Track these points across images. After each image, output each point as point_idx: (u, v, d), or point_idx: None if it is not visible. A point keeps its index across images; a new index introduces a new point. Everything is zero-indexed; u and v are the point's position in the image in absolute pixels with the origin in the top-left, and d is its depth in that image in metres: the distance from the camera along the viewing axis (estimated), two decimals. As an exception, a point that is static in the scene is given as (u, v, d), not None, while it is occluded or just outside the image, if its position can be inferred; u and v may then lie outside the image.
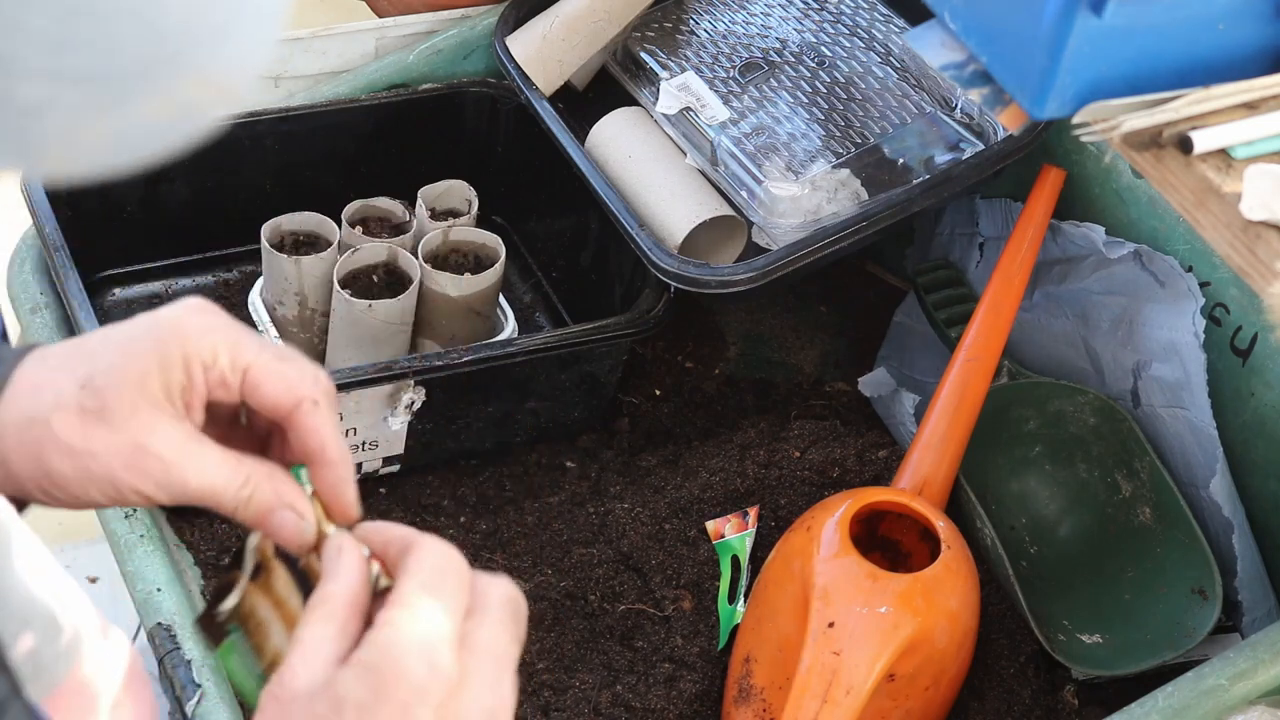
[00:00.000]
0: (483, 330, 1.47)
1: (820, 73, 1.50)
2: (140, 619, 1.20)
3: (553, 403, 1.45)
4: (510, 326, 1.50)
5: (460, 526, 1.39)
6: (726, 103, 1.47)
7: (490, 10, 1.61)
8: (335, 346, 1.44)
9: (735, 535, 1.34)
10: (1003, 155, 1.36)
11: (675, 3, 1.60)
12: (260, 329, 1.46)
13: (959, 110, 1.42)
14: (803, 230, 1.35)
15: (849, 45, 1.52)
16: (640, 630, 1.31)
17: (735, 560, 1.33)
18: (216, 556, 1.30)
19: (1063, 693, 1.25)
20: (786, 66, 1.51)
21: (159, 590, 1.20)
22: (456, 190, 1.53)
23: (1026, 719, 1.25)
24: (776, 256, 1.32)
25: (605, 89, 1.57)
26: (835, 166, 1.39)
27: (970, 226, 1.51)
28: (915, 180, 1.37)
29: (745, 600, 1.30)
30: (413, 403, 1.35)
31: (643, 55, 1.55)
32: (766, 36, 1.54)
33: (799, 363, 1.61)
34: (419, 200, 1.50)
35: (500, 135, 1.62)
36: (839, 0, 1.57)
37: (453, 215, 1.51)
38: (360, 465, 1.39)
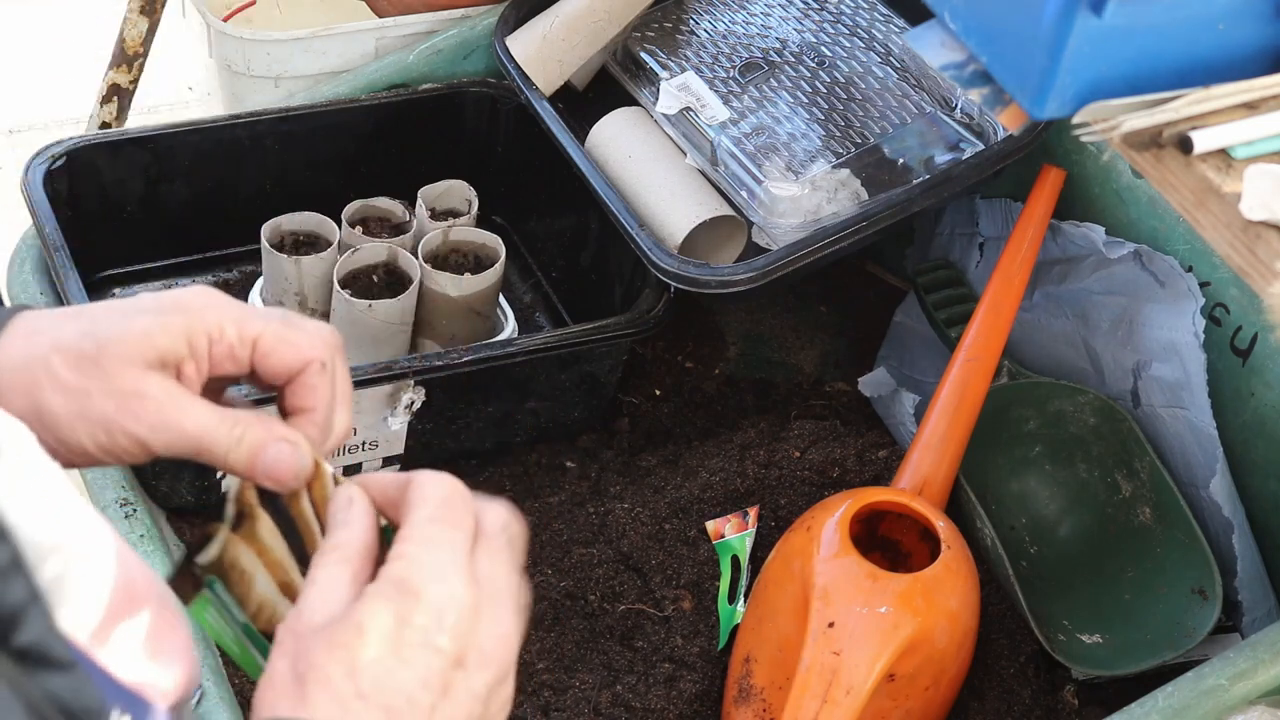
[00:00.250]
0: (483, 330, 1.47)
1: (820, 73, 1.50)
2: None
3: (553, 403, 1.44)
4: (510, 326, 1.50)
5: (460, 526, 1.39)
6: (726, 103, 1.47)
7: (490, 10, 1.61)
8: (335, 346, 1.44)
9: (735, 535, 1.34)
10: (1003, 155, 1.36)
11: (675, 3, 1.60)
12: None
13: (959, 110, 1.42)
14: (803, 230, 1.35)
15: (849, 45, 1.52)
16: (640, 630, 1.31)
17: (735, 560, 1.33)
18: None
19: (1063, 693, 1.25)
20: (786, 66, 1.51)
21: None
22: (456, 190, 1.53)
23: (1026, 719, 1.25)
24: (776, 256, 1.32)
25: (605, 89, 1.57)
26: (835, 166, 1.39)
27: (970, 226, 1.51)
28: (915, 180, 1.37)
29: (745, 600, 1.29)
30: (413, 403, 1.35)
31: (643, 55, 1.55)
32: (766, 36, 1.54)
33: (799, 363, 1.61)
34: (419, 200, 1.50)
35: (500, 135, 1.62)
36: (839, 0, 1.57)
37: (453, 215, 1.51)
38: (360, 465, 1.39)
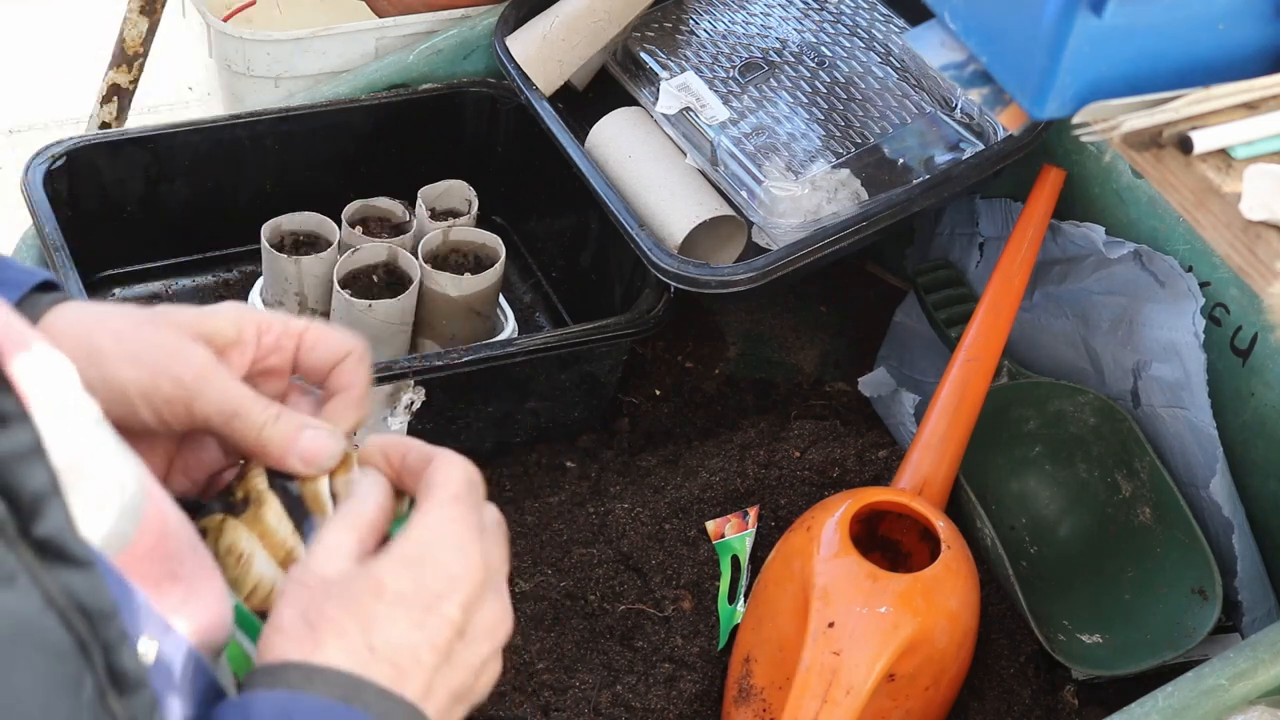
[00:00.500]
0: (483, 330, 1.47)
1: (820, 73, 1.49)
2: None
3: (553, 403, 1.44)
4: (510, 326, 1.50)
5: (460, 526, 1.39)
6: (726, 103, 1.47)
7: (490, 10, 1.61)
8: (335, 346, 1.44)
9: (735, 535, 1.34)
10: (1003, 155, 1.36)
11: (675, 3, 1.60)
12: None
13: (959, 110, 1.42)
14: (803, 230, 1.35)
15: (849, 45, 1.52)
16: (640, 630, 1.31)
17: (735, 560, 1.33)
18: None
19: (1063, 693, 1.25)
20: (786, 66, 1.51)
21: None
22: (456, 190, 1.53)
23: (1026, 719, 1.25)
24: (776, 256, 1.32)
25: (605, 89, 1.57)
26: (835, 166, 1.39)
27: (970, 226, 1.51)
28: (915, 180, 1.37)
29: (745, 600, 1.29)
30: (413, 403, 1.35)
31: (643, 55, 1.55)
32: (766, 36, 1.54)
33: (799, 363, 1.61)
34: (419, 200, 1.50)
35: (500, 135, 1.62)
36: (839, 0, 1.57)
37: (453, 215, 1.51)
38: (360, 465, 1.39)
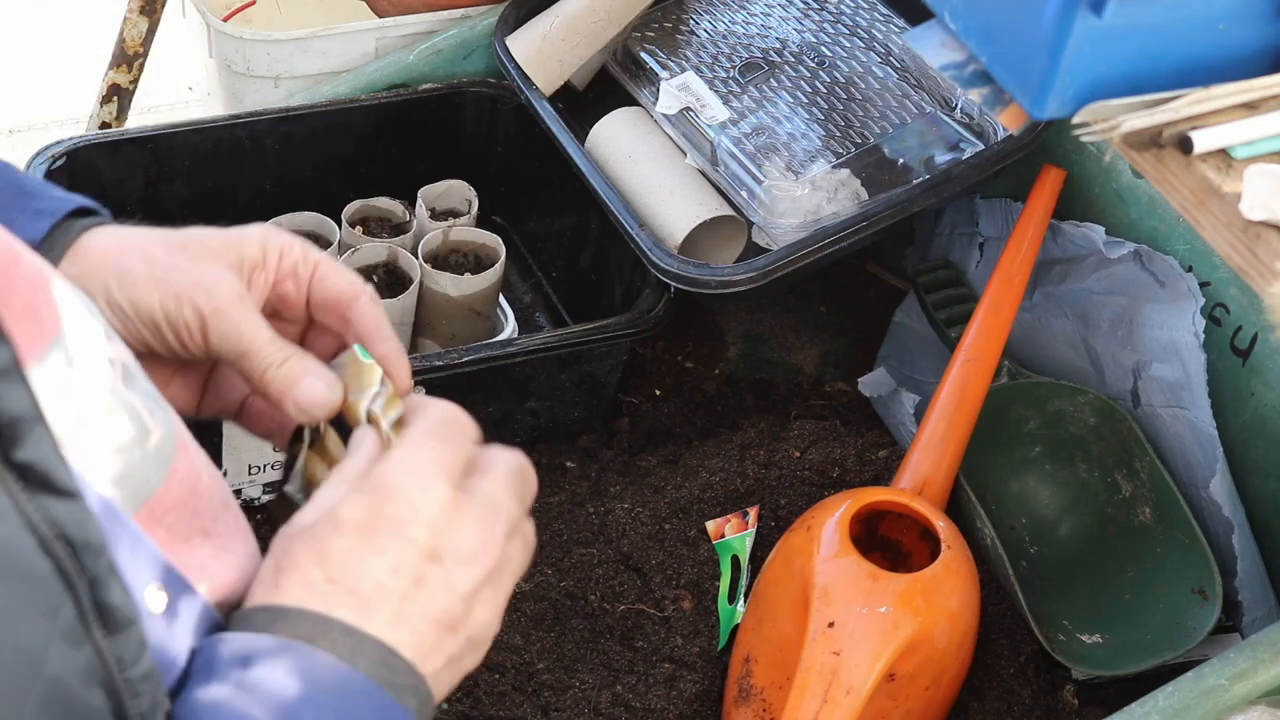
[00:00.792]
0: (483, 330, 1.47)
1: (820, 73, 1.49)
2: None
3: (553, 403, 1.44)
4: (510, 326, 1.49)
5: (460, 526, 1.39)
6: (726, 103, 1.47)
7: (490, 10, 1.61)
8: (335, 346, 1.44)
9: (735, 535, 1.34)
10: (1003, 155, 1.36)
11: (675, 3, 1.60)
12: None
13: (959, 110, 1.42)
14: (803, 230, 1.35)
15: (849, 45, 1.52)
16: (640, 630, 1.31)
17: (735, 560, 1.33)
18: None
19: (1063, 693, 1.25)
20: (786, 66, 1.51)
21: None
22: (456, 190, 1.53)
23: (1026, 719, 1.25)
24: (776, 256, 1.32)
25: (605, 89, 1.57)
26: (835, 166, 1.39)
27: (970, 226, 1.51)
28: (915, 180, 1.37)
29: (745, 600, 1.29)
30: (413, 403, 1.35)
31: (643, 55, 1.55)
32: (766, 36, 1.54)
33: (799, 363, 1.61)
34: (419, 200, 1.50)
35: (500, 135, 1.62)
36: (839, 0, 1.57)
37: (453, 215, 1.51)
38: (360, 465, 1.39)
